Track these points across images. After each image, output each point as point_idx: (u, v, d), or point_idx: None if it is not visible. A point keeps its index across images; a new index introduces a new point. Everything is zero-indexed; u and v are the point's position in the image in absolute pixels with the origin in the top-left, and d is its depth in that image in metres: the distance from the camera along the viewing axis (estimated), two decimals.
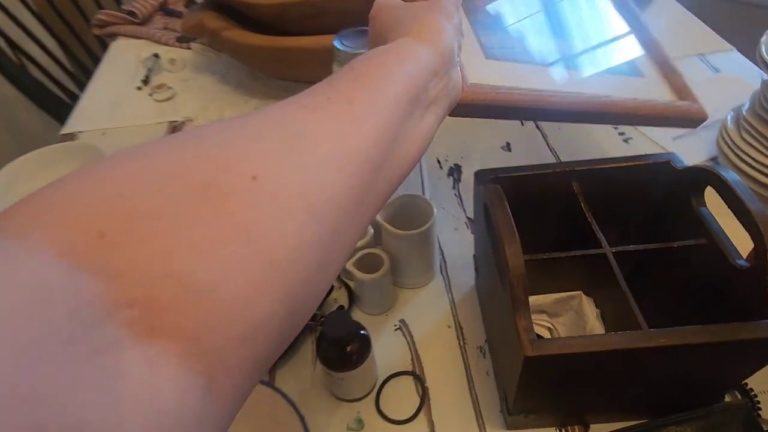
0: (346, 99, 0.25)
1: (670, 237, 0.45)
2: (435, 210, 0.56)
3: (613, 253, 0.43)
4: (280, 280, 0.20)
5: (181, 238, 0.18)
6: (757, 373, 0.41)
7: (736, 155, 0.67)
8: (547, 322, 0.49)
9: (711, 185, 0.43)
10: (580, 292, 0.48)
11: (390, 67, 0.28)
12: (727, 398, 0.48)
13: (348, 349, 0.47)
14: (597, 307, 0.47)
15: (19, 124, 1.53)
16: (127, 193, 0.18)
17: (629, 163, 0.48)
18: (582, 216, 0.47)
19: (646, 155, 0.49)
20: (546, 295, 0.49)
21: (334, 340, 0.46)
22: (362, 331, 0.49)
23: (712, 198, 0.45)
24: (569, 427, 0.48)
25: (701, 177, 0.44)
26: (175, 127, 0.90)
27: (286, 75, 0.93)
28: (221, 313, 0.18)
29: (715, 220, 0.43)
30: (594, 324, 0.45)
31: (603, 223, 0.46)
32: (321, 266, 0.22)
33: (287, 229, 0.20)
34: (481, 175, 0.48)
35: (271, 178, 0.20)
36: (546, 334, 0.49)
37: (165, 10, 1.21)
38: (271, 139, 0.22)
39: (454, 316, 0.59)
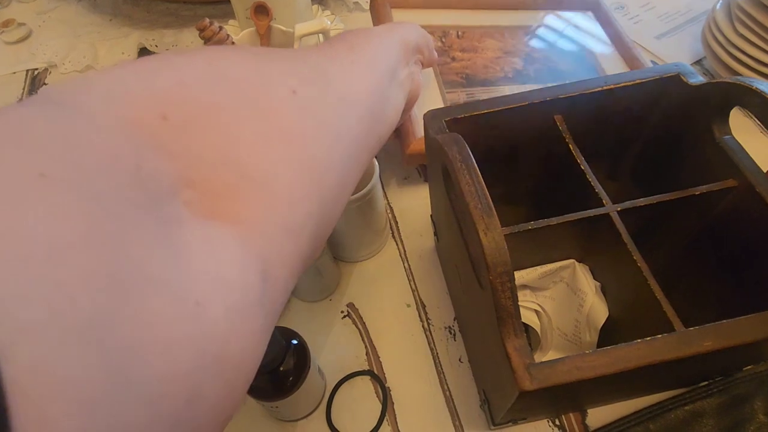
0: (349, 60, 0.29)
1: (683, 180, 0.34)
2: (377, 165, 0.43)
3: (618, 212, 0.32)
4: (318, 185, 0.22)
5: (239, 131, 0.19)
6: None
7: (729, 53, 0.56)
8: (533, 302, 0.39)
9: (741, 106, 0.31)
10: (573, 260, 0.38)
11: (374, 46, 0.33)
12: None
13: (279, 372, 0.35)
14: (595, 278, 0.37)
15: None
16: (190, 83, 0.19)
17: (625, 83, 0.36)
18: (569, 160, 0.35)
19: (647, 69, 0.36)
20: (530, 269, 0.38)
21: (259, 369, 0.34)
22: (294, 341, 0.37)
23: (736, 123, 0.34)
24: (564, 416, 0.39)
25: (727, 95, 0.32)
26: (35, 77, 0.69)
27: None
28: (275, 204, 0.19)
29: (747, 154, 0.32)
30: (593, 301, 0.35)
31: (595, 166, 0.35)
32: (341, 187, 0.25)
33: (322, 140, 0.23)
34: (432, 119, 0.35)
35: (307, 96, 0.23)
36: (534, 321, 0.38)
37: None
38: (303, 64, 0.25)
39: (413, 290, 0.48)
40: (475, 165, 0.28)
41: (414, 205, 0.53)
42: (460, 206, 0.30)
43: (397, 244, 0.51)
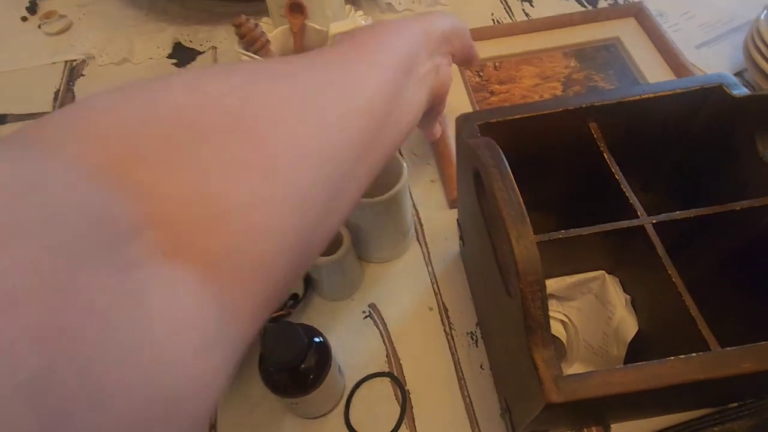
0: (354, 60, 0.27)
1: (722, 194, 0.33)
2: (405, 166, 0.43)
3: (653, 224, 0.31)
4: (299, 216, 0.21)
5: (213, 162, 0.18)
6: None
7: None
8: (559, 312, 0.38)
9: None
10: (603, 272, 0.37)
11: (389, 39, 0.30)
12: None
13: (300, 369, 0.36)
14: (625, 291, 0.36)
15: None
16: (162, 117, 0.18)
17: (665, 92, 0.35)
18: (603, 169, 0.35)
19: (688, 79, 0.35)
20: (558, 279, 0.37)
21: (281, 365, 0.34)
22: (317, 339, 0.37)
23: None
24: (585, 429, 0.38)
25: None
26: (73, 68, 0.71)
27: None
28: (245, 239, 0.19)
29: None
30: (623, 315, 0.34)
31: (628, 175, 0.34)
32: (327, 211, 0.23)
33: (302, 166, 0.21)
34: (465, 122, 0.35)
35: (289, 120, 0.21)
36: (560, 331, 0.38)
37: None
38: (289, 85, 0.23)
39: (436, 294, 0.47)
40: (510, 171, 0.27)
41: (440, 208, 0.53)
42: (491, 212, 0.29)
43: (421, 247, 0.50)
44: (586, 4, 0.71)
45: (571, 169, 0.38)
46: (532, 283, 0.24)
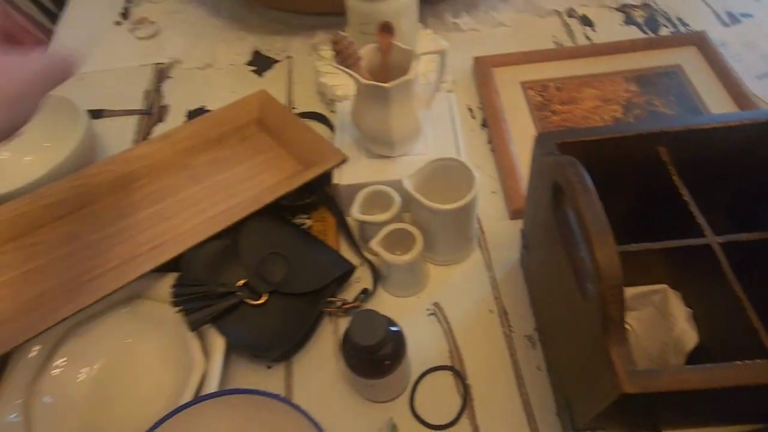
0: None
1: None
2: (477, 177, 0.47)
3: (720, 243, 0.34)
4: None
5: None
6: None
7: None
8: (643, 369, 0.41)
9: None
10: (666, 285, 0.39)
11: None
12: None
13: (380, 354, 0.39)
14: (686, 305, 0.38)
15: None
16: None
17: (732, 123, 0.37)
18: (669, 189, 0.38)
19: (756, 112, 0.38)
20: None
21: (364, 348, 0.38)
22: (394, 328, 0.41)
23: None
24: None
25: None
26: (161, 70, 0.78)
27: (289, 5, 0.79)
28: None
29: None
30: (684, 327, 0.37)
31: (696, 200, 0.37)
32: None
33: None
34: (542, 140, 0.38)
35: None
36: None
37: None
38: None
39: (496, 298, 0.51)
40: (593, 187, 0.30)
41: (501, 218, 0.56)
42: (569, 223, 0.33)
43: (482, 253, 0.54)
44: (647, 30, 0.73)
45: (636, 187, 0.41)
46: (612, 287, 0.28)
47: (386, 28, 0.47)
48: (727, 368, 0.27)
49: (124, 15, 0.87)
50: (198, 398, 0.39)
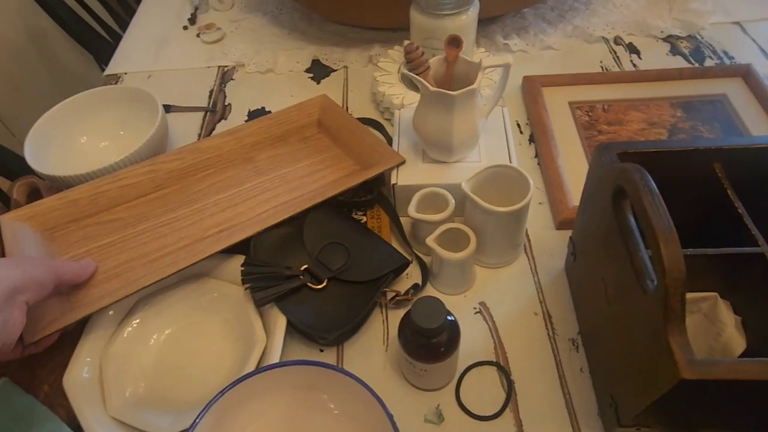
0: None
1: None
2: (532, 184, 0.49)
3: None
4: None
5: None
6: None
7: None
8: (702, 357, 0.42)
9: None
10: (716, 294, 0.41)
11: None
12: None
13: (436, 341, 0.42)
14: (736, 313, 0.40)
15: (58, 62, 1.47)
16: None
17: None
18: (723, 202, 0.40)
19: None
20: None
21: (423, 332, 0.41)
22: (450, 318, 0.44)
23: None
24: None
25: None
26: (225, 72, 0.83)
27: (346, 17, 0.84)
28: None
29: None
30: (732, 333, 0.39)
31: (750, 214, 0.39)
32: None
33: None
34: (605, 150, 0.41)
35: None
36: None
37: None
38: None
39: (541, 302, 0.53)
40: (657, 190, 0.33)
41: (547, 228, 0.58)
42: (628, 225, 0.35)
43: (528, 260, 0.56)
44: (692, 61, 0.76)
45: (691, 200, 0.43)
46: (676, 279, 0.30)
47: (454, 42, 0.51)
48: None
49: (192, 21, 0.93)
50: (262, 368, 0.42)
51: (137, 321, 0.50)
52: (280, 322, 0.48)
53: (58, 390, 0.46)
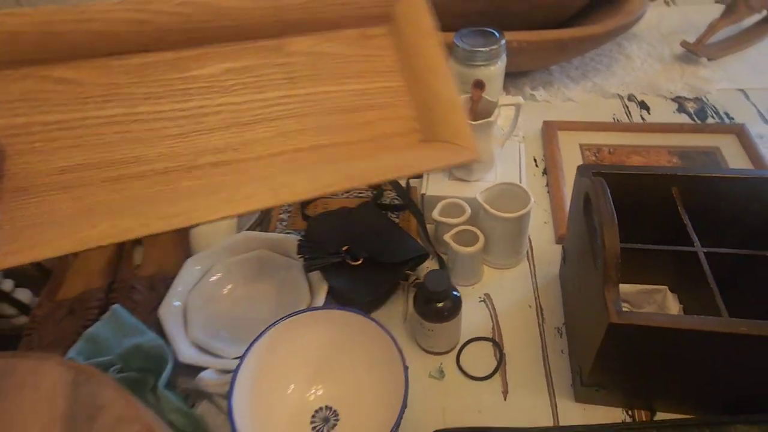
0: None
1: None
2: (533, 200, 0.62)
3: (704, 252, 0.46)
4: None
5: None
6: None
7: None
8: (628, 310, 0.53)
9: None
10: (666, 287, 0.52)
11: None
12: None
13: (442, 304, 0.54)
14: (680, 303, 0.50)
15: None
16: None
17: (734, 176, 0.51)
18: (678, 219, 0.51)
19: (751, 170, 0.51)
20: (632, 285, 0.53)
21: (432, 294, 0.53)
22: (455, 293, 0.56)
23: None
24: (635, 410, 0.51)
25: None
26: None
27: None
28: None
29: None
30: None
31: (699, 230, 0.50)
32: None
33: None
34: (583, 169, 0.53)
35: None
36: None
37: None
38: None
39: (536, 298, 0.64)
40: (608, 192, 0.45)
41: (549, 242, 0.70)
42: (592, 218, 0.47)
43: (529, 265, 0.68)
44: (695, 119, 0.87)
45: (652, 216, 0.54)
46: (612, 255, 0.41)
47: (479, 84, 0.66)
48: (688, 318, 0.39)
49: None
50: (308, 308, 0.55)
51: (218, 276, 0.65)
52: (322, 288, 0.61)
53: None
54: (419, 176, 0.72)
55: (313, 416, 0.53)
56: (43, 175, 0.38)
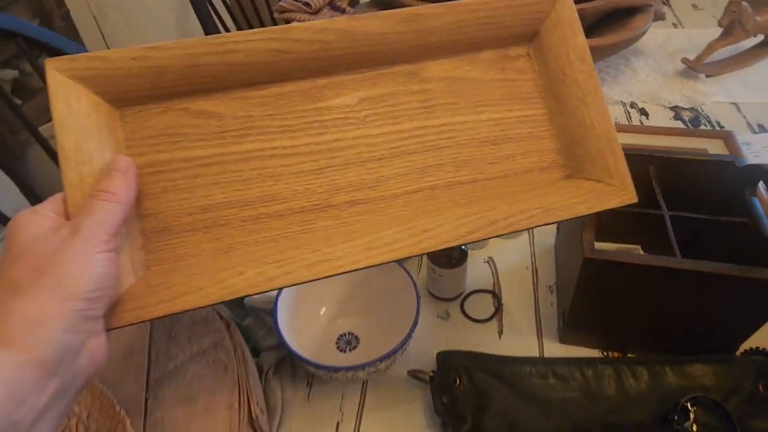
0: None
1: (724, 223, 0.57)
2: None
3: (669, 216, 0.56)
4: None
5: None
6: None
7: None
8: None
9: (763, 180, 0.55)
10: (639, 246, 0.61)
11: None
12: None
13: (450, 253, 0.64)
14: None
15: None
16: None
17: (700, 158, 0.61)
18: (652, 192, 0.61)
19: (715, 155, 0.61)
20: (610, 243, 0.63)
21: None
22: (462, 246, 0.66)
23: None
24: (610, 352, 0.61)
25: (756, 173, 0.56)
26: None
27: None
28: None
29: (760, 207, 0.55)
30: None
31: (668, 202, 0.59)
32: None
33: None
34: None
35: None
36: None
37: (332, 6, 1.48)
38: None
39: (532, 262, 0.74)
40: None
41: None
42: None
43: (529, 237, 0.78)
44: (689, 126, 0.97)
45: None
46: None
47: None
48: (646, 255, 0.49)
49: None
50: None
51: None
52: None
53: None
54: None
55: (338, 339, 0.64)
56: (185, 214, 0.37)
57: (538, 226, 0.38)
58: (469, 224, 0.38)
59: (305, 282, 0.35)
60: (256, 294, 0.35)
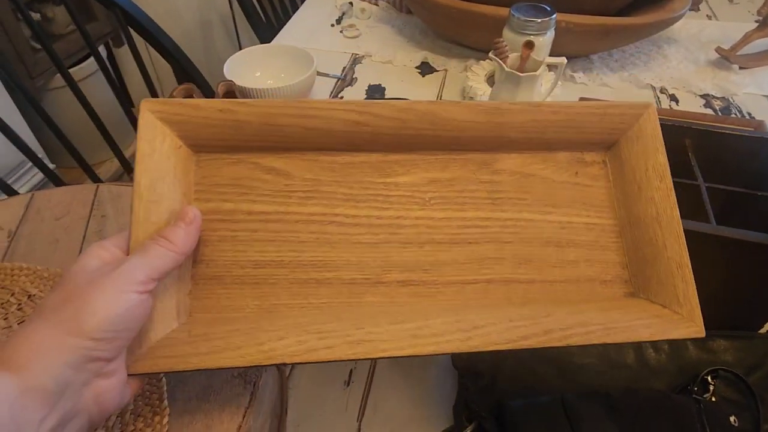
0: None
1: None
2: None
3: (706, 186, 0.55)
4: None
5: None
6: None
7: None
8: None
9: None
10: None
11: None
12: None
13: None
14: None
15: (215, 49, 1.87)
16: None
17: (738, 132, 0.59)
18: (688, 164, 0.59)
19: (752, 131, 0.60)
20: None
21: None
22: None
23: None
24: None
25: None
26: (356, 58, 1.11)
27: (454, 35, 1.10)
28: None
29: None
30: None
31: (704, 173, 0.58)
32: None
33: None
34: None
35: None
36: None
37: None
38: None
39: None
40: None
41: None
42: None
43: None
44: (719, 113, 0.95)
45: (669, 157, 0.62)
46: None
47: (529, 44, 0.75)
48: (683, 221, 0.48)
49: (339, 21, 1.24)
50: None
51: None
52: None
53: None
54: None
55: None
56: (237, 266, 0.37)
57: (594, 344, 0.35)
58: (523, 329, 0.35)
59: (345, 360, 0.33)
60: (294, 363, 0.33)
